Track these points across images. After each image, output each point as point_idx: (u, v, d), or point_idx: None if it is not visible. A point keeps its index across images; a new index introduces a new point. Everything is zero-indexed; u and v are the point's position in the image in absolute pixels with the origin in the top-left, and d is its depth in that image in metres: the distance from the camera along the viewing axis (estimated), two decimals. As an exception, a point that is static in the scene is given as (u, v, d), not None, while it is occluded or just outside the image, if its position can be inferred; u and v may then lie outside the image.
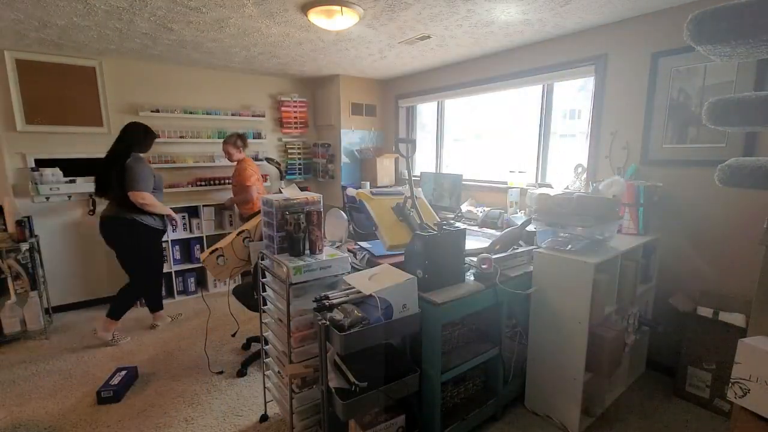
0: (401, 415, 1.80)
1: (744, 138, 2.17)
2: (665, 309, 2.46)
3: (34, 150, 3.38)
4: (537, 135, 3.27)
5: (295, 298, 1.75)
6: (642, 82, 2.53)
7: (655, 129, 2.50)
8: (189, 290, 4.02)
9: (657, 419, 2.17)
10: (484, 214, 3.12)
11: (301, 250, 1.84)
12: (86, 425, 2.16)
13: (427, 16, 2.50)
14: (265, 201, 1.92)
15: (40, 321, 3.13)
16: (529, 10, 2.40)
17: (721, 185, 1.19)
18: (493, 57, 3.41)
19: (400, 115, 4.55)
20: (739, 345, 1.13)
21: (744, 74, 2.14)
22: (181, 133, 3.90)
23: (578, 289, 1.92)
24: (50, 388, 2.49)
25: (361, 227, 2.44)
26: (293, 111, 4.56)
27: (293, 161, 4.71)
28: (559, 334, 2.03)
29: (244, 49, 3.27)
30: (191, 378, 2.56)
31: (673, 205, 2.45)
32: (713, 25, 0.99)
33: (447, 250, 1.83)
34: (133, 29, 2.73)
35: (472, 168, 3.91)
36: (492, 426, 2.13)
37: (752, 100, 1.07)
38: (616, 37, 2.63)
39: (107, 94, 3.58)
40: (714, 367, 2.17)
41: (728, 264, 2.29)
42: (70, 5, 2.29)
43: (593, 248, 2.04)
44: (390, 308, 1.60)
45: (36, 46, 3.11)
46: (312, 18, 2.41)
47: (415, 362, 1.83)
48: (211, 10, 2.37)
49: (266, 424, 2.16)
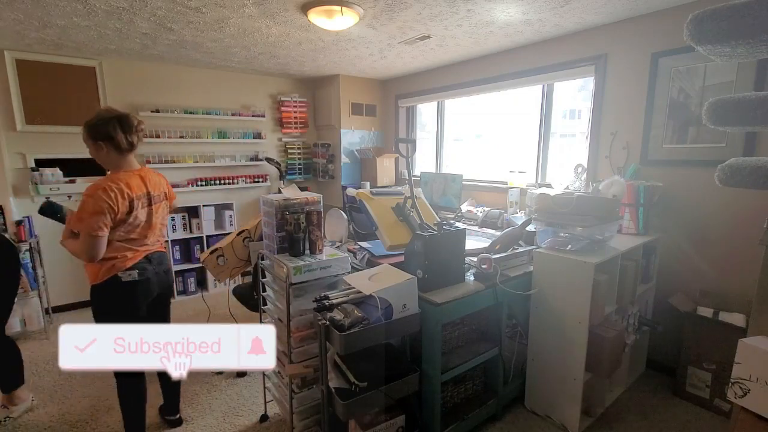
0: (401, 415, 1.80)
1: (744, 138, 2.17)
2: (665, 309, 2.46)
3: (34, 150, 3.38)
4: (537, 135, 3.27)
5: (295, 298, 1.75)
6: (642, 82, 2.53)
7: (655, 129, 2.50)
8: (189, 290, 4.03)
9: (657, 419, 2.17)
10: (484, 214, 3.12)
11: (301, 250, 1.84)
12: (86, 425, 2.16)
13: (427, 16, 2.50)
14: (265, 201, 1.92)
15: (39, 321, 3.13)
16: (529, 10, 2.40)
17: (721, 185, 1.19)
18: (493, 57, 3.41)
19: (400, 115, 4.55)
20: (739, 345, 1.13)
21: (744, 74, 2.14)
22: (181, 133, 3.90)
23: (578, 289, 1.92)
24: (50, 388, 2.49)
25: (361, 227, 2.44)
26: (293, 111, 4.56)
27: (293, 161, 4.70)
28: (559, 334, 2.03)
29: (244, 49, 3.26)
30: (191, 378, 2.56)
31: (673, 205, 2.45)
32: (713, 25, 0.99)
33: (447, 250, 1.83)
34: (133, 29, 2.73)
35: (472, 168, 3.90)
36: (492, 426, 2.13)
37: (752, 100, 1.07)
38: (616, 37, 2.63)
39: (107, 94, 3.58)
40: (714, 367, 2.17)
41: (728, 264, 2.29)
42: (70, 5, 2.28)
43: (593, 248, 2.04)
44: (390, 308, 1.60)
45: (36, 46, 3.11)
46: (312, 18, 2.41)
47: (415, 362, 1.83)
48: (211, 10, 2.37)
49: (266, 424, 2.16)
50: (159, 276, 1.89)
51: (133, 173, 1.76)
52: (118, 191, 1.64)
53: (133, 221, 1.72)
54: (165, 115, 3.79)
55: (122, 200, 1.64)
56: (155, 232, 1.87)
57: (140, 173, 1.80)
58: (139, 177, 1.77)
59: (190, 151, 4.02)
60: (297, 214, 1.81)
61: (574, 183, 2.79)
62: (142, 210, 1.75)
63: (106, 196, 1.60)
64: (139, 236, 1.78)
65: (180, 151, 3.96)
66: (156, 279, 1.87)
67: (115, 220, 1.64)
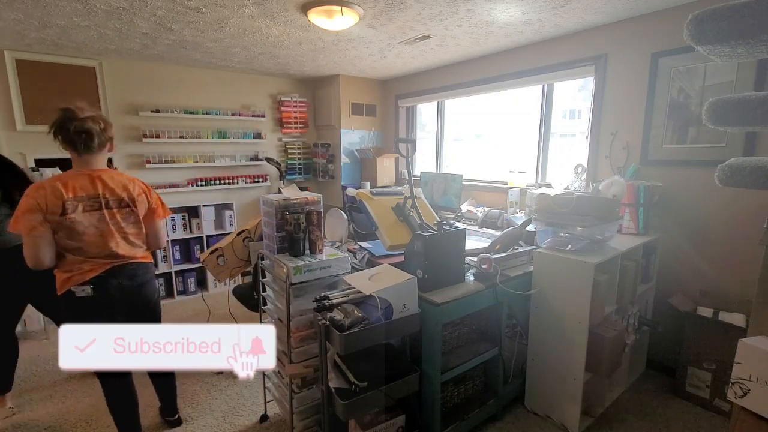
0: (401, 415, 1.80)
1: (744, 138, 2.17)
2: (665, 309, 2.46)
3: (34, 150, 3.38)
4: (537, 135, 3.27)
5: (295, 298, 1.75)
6: (642, 82, 2.53)
7: (655, 129, 2.50)
8: (189, 290, 4.03)
9: (657, 419, 2.17)
10: (484, 214, 3.12)
11: (301, 250, 1.84)
12: (86, 425, 2.16)
13: (427, 16, 2.50)
14: (265, 201, 1.92)
15: (39, 321, 3.13)
16: (529, 10, 2.40)
17: (721, 185, 1.19)
18: (493, 57, 3.41)
19: (400, 115, 4.55)
20: (739, 345, 1.13)
21: (744, 74, 2.14)
22: (181, 133, 3.90)
23: (578, 289, 1.92)
24: (50, 388, 2.49)
25: (361, 227, 2.44)
26: (293, 111, 4.56)
27: (293, 161, 4.70)
28: (559, 334, 2.03)
29: (244, 49, 3.26)
30: (191, 378, 2.56)
31: (673, 205, 2.45)
32: (713, 25, 0.99)
33: (447, 250, 1.83)
34: (133, 29, 2.73)
35: (472, 168, 3.90)
36: (492, 426, 2.13)
37: (752, 100, 1.07)
38: (616, 37, 2.63)
39: (107, 94, 3.58)
40: (714, 367, 2.17)
41: (728, 264, 2.29)
42: (70, 5, 2.28)
43: (593, 248, 2.04)
44: (390, 308, 1.60)
45: (36, 46, 3.11)
46: (312, 18, 2.41)
47: (415, 362, 1.83)
48: (211, 10, 2.37)
49: (266, 424, 2.16)
50: (126, 291, 1.71)
51: (81, 173, 1.64)
52: (51, 189, 1.55)
53: (71, 225, 1.57)
54: (165, 115, 3.79)
55: (53, 198, 1.54)
56: (119, 241, 1.69)
57: (94, 174, 1.65)
58: (88, 178, 1.64)
59: (190, 151, 4.02)
60: (297, 214, 1.81)
61: (574, 183, 2.79)
62: (84, 214, 1.60)
63: (35, 194, 1.53)
64: (91, 245, 1.62)
65: (180, 151, 3.96)
66: (121, 295, 1.69)
67: (48, 219, 1.54)
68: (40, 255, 1.55)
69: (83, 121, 1.60)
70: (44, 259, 1.56)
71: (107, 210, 1.67)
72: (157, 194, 1.89)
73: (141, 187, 1.80)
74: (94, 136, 1.62)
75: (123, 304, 1.72)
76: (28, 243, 1.54)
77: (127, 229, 1.73)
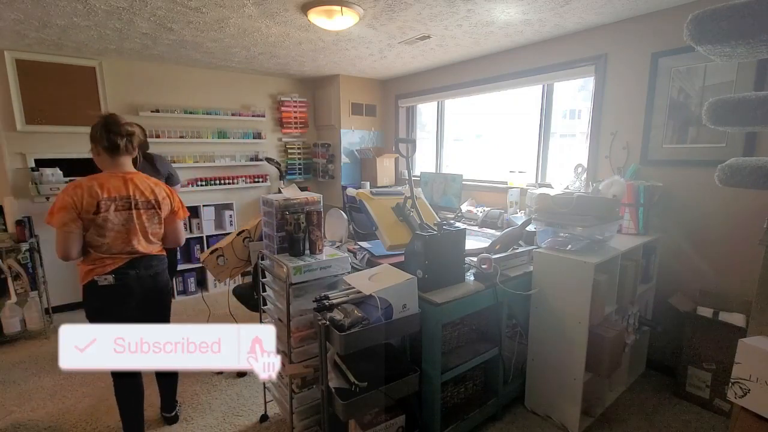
0: (401, 415, 1.80)
1: (744, 138, 2.17)
2: (665, 309, 2.46)
3: (34, 150, 3.38)
4: (537, 135, 3.27)
5: (295, 298, 1.75)
6: (642, 82, 2.53)
7: (655, 129, 2.50)
8: (189, 290, 4.03)
9: (657, 419, 2.17)
10: (484, 214, 3.12)
11: (301, 250, 1.84)
12: (86, 425, 2.16)
13: (427, 16, 2.50)
14: (265, 201, 1.92)
15: (40, 321, 3.13)
16: (529, 10, 2.40)
17: (721, 185, 1.19)
18: (493, 57, 3.41)
19: (400, 115, 4.55)
20: (739, 345, 1.13)
21: (744, 74, 2.14)
22: (181, 133, 3.90)
23: (578, 289, 1.92)
24: (50, 388, 2.49)
25: (361, 227, 2.44)
26: (293, 111, 4.56)
27: (293, 161, 4.71)
28: (559, 334, 2.03)
29: (244, 49, 3.26)
30: (191, 378, 2.56)
31: (673, 205, 2.45)
32: (713, 25, 0.99)
33: (447, 250, 1.83)
34: (133, 29, 2.73)
35: (472, 168, 3.91)
36: (492, 426, 2.13)
37: (752, 100, 1.07)
38: (616, 37, 2.63)
39: (107, 94, 3.58)
40: (714, 367, 2.17)
41: (728, 264, 2.29)
42: (70, 5, 2.28)
43: (593, 248, 2.04)
44: (390, 308, 1.60)
45: (36, 46, 3.11)
46: (312, 18, 2.41)
47: (415, 362, 1.83)
48: (211, 10, 2.37)
49: (266, 424, 2.16)
50: (142, 280, 1.84)
51: (115, 175, 1.76)
52: (87, 189, 1.67)
53: (103, 223, 1.69)
54: (165, 115, 3.79)
55: (88, 198, 1.66)
56: (140, 239, 1.81)
57: (126, 176, 1.78)
58: (121, 179, 1.76)
59: (190, 151, 4.02)
60: (297, 214, 1.81)
61: (574, 183, 2.79)
62: (115, 213, 1.72)
63: (72, 193, 1.65)
64: (116, 241, 1.74)
65: (180, 151, 3.96)
66: (137, 283, 1.82)
67: (82, 218, 1.66)
68: (69, 249, 1.68)
69: (126, 125, 1.77)
70: (72, 253, 1.70)
71: (135, 210, 1.79)
72: (179, 197, 2.00)
73: (165, 190, 1.92)
74: (134, 140, 1.81)
75: (139, 290, 1.85)
76: (60, 237, 1.67)
77: (150, 228, 1.85)
